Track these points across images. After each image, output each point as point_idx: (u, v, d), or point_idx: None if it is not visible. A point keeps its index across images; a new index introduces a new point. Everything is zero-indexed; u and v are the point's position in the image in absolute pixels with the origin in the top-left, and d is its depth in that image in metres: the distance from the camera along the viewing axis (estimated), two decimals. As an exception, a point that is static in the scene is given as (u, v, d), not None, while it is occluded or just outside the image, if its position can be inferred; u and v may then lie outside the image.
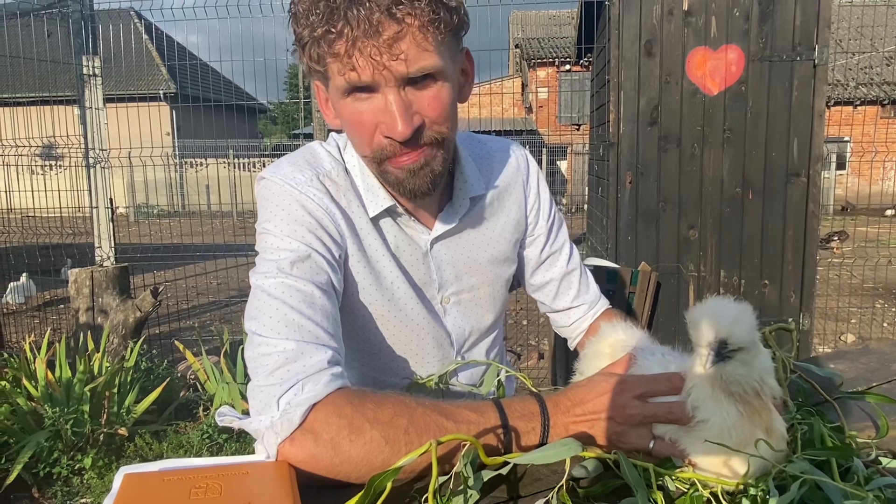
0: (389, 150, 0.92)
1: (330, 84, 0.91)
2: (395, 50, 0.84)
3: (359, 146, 0.96)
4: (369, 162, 0.97)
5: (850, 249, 8.86)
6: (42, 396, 3.05)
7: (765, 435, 0.73)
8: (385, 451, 0.77)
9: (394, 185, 0.96)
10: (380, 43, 0.83)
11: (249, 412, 0.83)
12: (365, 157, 0.97)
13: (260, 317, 0.86)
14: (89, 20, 4.23)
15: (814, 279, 3.36)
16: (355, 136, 0.95)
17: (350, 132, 0.96)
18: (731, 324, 0.71)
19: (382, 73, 0.85)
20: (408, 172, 0.93)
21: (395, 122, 0.87)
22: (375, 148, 0.92)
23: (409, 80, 0.87)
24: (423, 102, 0.90)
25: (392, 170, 0.94)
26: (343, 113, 0.93)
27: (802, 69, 3.19)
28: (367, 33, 0.83)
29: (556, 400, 0.84)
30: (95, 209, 4.18)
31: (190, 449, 3.03)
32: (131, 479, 0.72)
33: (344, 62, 0.85)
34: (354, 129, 0.93)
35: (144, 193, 13.01)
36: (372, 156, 0.94)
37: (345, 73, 0.86)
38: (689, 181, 3.31)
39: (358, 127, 0.92)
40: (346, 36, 0.83)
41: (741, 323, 0.72)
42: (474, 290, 1.15)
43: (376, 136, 0.91)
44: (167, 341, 4.44)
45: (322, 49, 0.86)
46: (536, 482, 0.81)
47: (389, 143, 0.91)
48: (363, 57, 0.84)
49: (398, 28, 0.84)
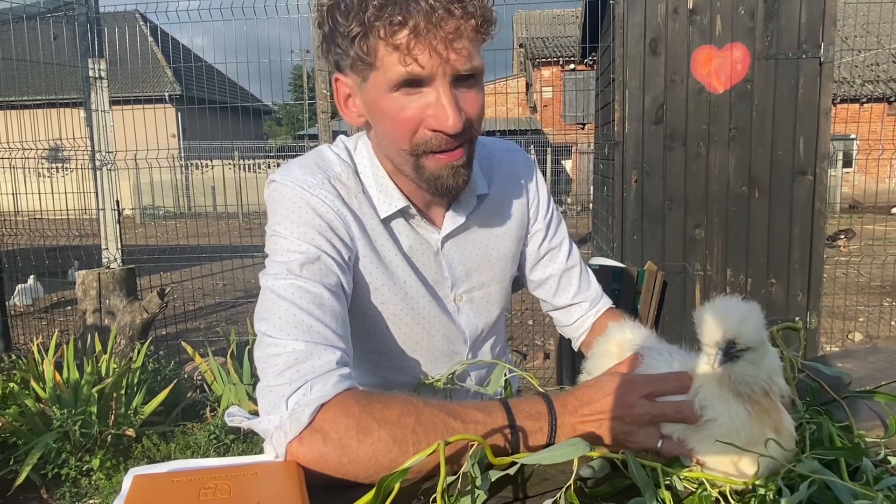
0: (434, 143, 0.92)
1: (375, 76, 0.90)
2: (455, 45, 0.86)
3: (397, 140, 0.95)
4: (406, 156, 0.95)
5: (858, 247, 8.81)
6: (50, 398, 3.07)
7: (774, 434, 0.72)
8: (393, 450, 0.77)
9: (429, 181, 0.96)
10: (443, 35, 0.85)
11: (258, 412, 0.84)
12: (402, 151, 0.95)
13: (269, 318, 0.86)
14: (95, 23, 4.25)
15: (821, 278, 3.34)
16: (396, 130, 0.93)
17: (389, 127, 0.94)
18: (740, 323, 0.71)
19: (441, 67, 0.87)
20: (449, 169, 0.95)
21: (448, 115, 0.89)
22: (417, 141, 0.93)
23: (457, 77, 0.90)
24: (467, 101, 0.92)
25: (430, 165, 0.95)
26: (385, 107, 0.92)
27: (808, 67, 3.17)
28: (431, 25, 0.84)
29: (564, 400, 0.84)
30: (102, 211, 4.20)
31: (197, 450, 3.04)
32: (141, 480, 0.73)
33: (404, 52, 0.86)
34: (397, 124, 0.92)
35: (150, 195, 13.07)
36: (411, 150, 0.94)
37: (407, 64, 0.86)
38: (694, 180, 3.30)
39: (402, 121, 0.92)
40: (411, 27, 0.84)
41: (750, 322, 0.72)
42: (485, 288, 1.16)
43: (420, 130, 0.92)
44: (174, 342, 4.45)
45: (378, 40, 0.86)
46: (544, 482, 0.81)
47: (434, 136, 0.92)
48: (426, 49, 0.85)
49: (458, 24, 0.86)
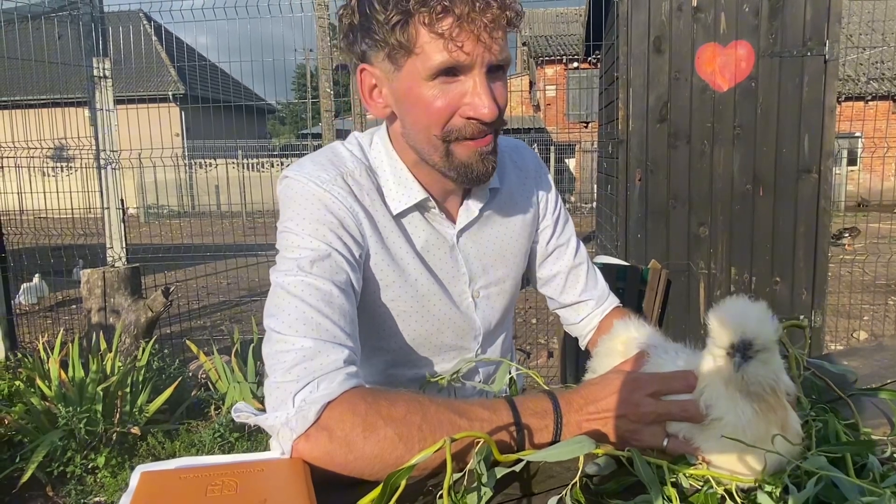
0: (467, 130, 0.93)
1: (409, 65, 0.90)
2: (495, 34, 0.88)
3: (429, 127, 0.94)
4: (436, 142, 0.95)
5: (862, 246, 8.79)
6: (55, 396, 3.08)
7: (780, 431, 0.72)
8: (398, 448, 0.77)
9: (459, 168, 0.96)
10: (485, 22, 0.86)
11: (264, 408, 0.84)
12: (434, 137, 0.95)
13: (279, 314, 0.87)
14: (99, 22, 4.26)
15: (825, 276, 3.34)
16: (430, 117, 0.93)
17: (422, 114, 0.94)
18: (758, 325, 0.71)
19: (482, 54, 0.88)
20: (478, 156, 0.95)
21: (485, 103, 0.90)
22: (449, 128, 0.93)
23: (490, 68, 0.91)
24: (498, 91, 0.93)
25: (461, 152, 0.95)
26: (421, 94, 0.92)
27: (813, 65, 3.16)
28: (476, 13, 0.86)
29: (569, 398, 0.84)
30: (106, 210, 4.21)
31: (202, 447, 3.05)
32: (148, 477, 0.73)
33: (448, 39, 0.86)
34: (432, 111, 0.92)
35: (155, 194, 13.10)
36: (443, 136, 0.94)
37: (451, 51, 0.87)
38: (698, 178, 3.30)
39: (438, 109, 0.92)
40: (456, 14, 0.85)
41: (766, 324, 0.72)
42: (500, 283, 1.17)
43: (455, 117, 0.93)
44: (178, 341, 4.47)
45: (421, 27, 0.87)
46: (550, 479, 0.81)
47: (468, 123, 0.92)
48: (471, 36, 0.87)
49: (497, 14, 0.87)
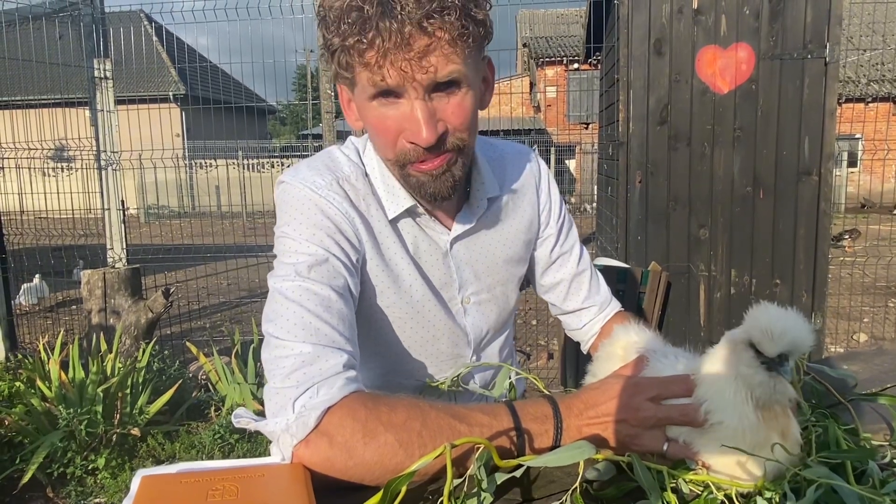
0: (413, 154, 0.93)
1: (356, 88, 0.94)
2: (424, 63, 0.86)
3: (382, 149, 0.98)
4: (392, 165, 0.99)
5: (863, 248, 8.78)
6: (56, 397, 3.08)
7: (780, 439, 0.73)
8: (399, 453, 0.77)
9: (415, 188, 0.98)
10: (410, 56, 0.85)
11: (263, 412, 0.84)
12: (388, 161, 0.99)
13: (277, 319, 0.87)
14: (100, 23, 4.26)
15: (825, 278, 3.34)
16: (379, 139, 0.96)
17: (374, 135, 0.98)
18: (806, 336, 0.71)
19: (411, 84, 0.87)
20: (429, 177, 0.95)
21: (420, 129, 0.89)
22: (399, 152, 0.94)
23: (434, 86, 0.89)
24: (448, 110, 0.91)
25: (414, 174, 0.96)
26: (368, 116, 0.94)
27: (813, 67, 3.16)
28: (399, 45, 0.84)
29: (569, 402, 0.85)
30: (107, 211, 4.21)
31: (202, 449, 3.05)
32: (149, 481, 0.73)
33: (374, 71, 0.87)
34: (379, 133, 0.95)
35: (155, 194, 13.10)
36: (395, 159, 0.96)
37: (374, 81, 0.88)
38: (699, 180, 3.29)
39: (382, 131, 0.94)
40: (378, 47, 0.84)
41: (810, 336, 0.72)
42: (492, 290, 1.16)
43: (400, 140, 0.93)
44: (179, 342, 4.47)
45: (352, 57, 0.87)
46: (550, 484, 0.81)
47: (413, 148, 0.92)
48: (393, 68, 0.86)
49: (429, 41, 0.85)
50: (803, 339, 0.71)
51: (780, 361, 0.71)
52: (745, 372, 0.73)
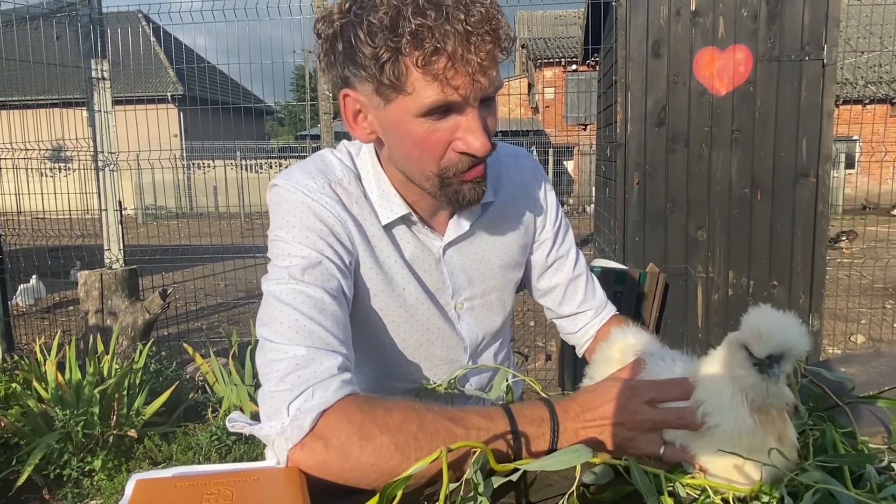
0: (461, 165, 0.92)
1: (404, 100, 0.87)
2: (490, 71, 0.86)
3: (423, 163, 0.93)
4: (432, 178, 0.94)
5: (860, 249, 8.80)
6: (52, 398, 3.07)
7: (776, 443, 0.72)
8: (395, 456, 0.77)
9: (452, 198, 0.96)
10: (478, 62, 0.85)
11: (259, 417, 0.84)
12: (427, 173, 0.94)
13: (271, 323, 0.86)
14: (98, 24, 4.26)
15: (823, 280, 3.34)
16: (424, 153, 0.92)
17: (414, 150, 0.92)
18: (800, 338, 0.71)
19: (475, 92, 0.87)
20: (470, 185, 0.95)
21: (479, 138, 0.89)
22: (445, 164, 0.92)
23: (483, 99, 0.90)
24: (489, 120, 0.92)
25: (457, 184, 0.94)
26: (412, 131, 0.90)
27: (811, 69, 3.17)
28: (467, 51, 0.83)
29: (566, 405, 0.84)
30: (104, 212, 4.21)
31: (199, 451, 3.04)
32: (143, 485, 0.73)
33: (443, 83, 0.84)
34: (426, 147, 0.91)
35: (153, 195, 13.08)
36: (439, 171, 0.93)
37: (445, 91, 0.85)
38: (697, 182, 3.30)
39: (430, 145, 0.91)
40: (448, 53, 0.83)
41: (805, 338, 0.72)
42: (486, 296, 1.15)
43: (448, 152, 0.92)
44: (176, 343, 4.46)
45: (413, 68, 0.84)
46: (547, 488, 0.81)
47: (461, 159, 0.92)
48: (464, 75, 0.85)
49: (490, 48, 0.85)
50: (795, 342, 0.71)
51: (770, 363, 0.71)
52: (739, 373, 0.73)
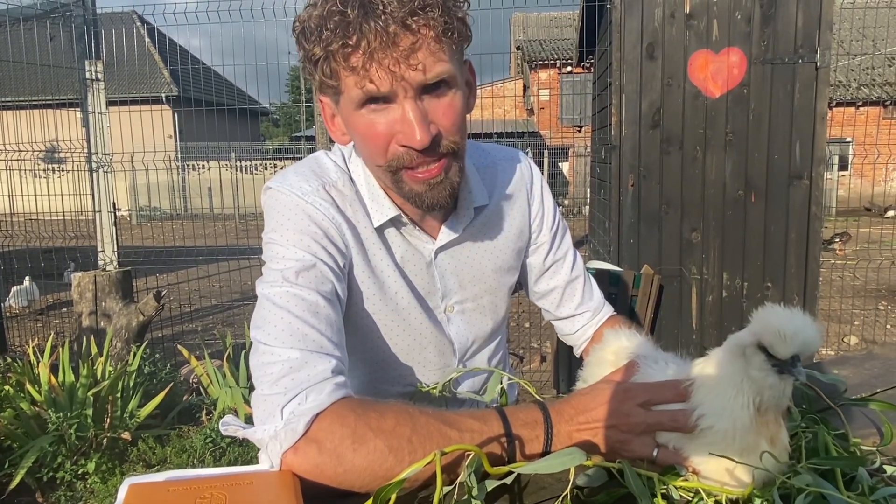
0: (406, 159, 0.91)
1: (343, 98, 0.91)
2: (412, 60, 0.85)
3: (373, 157, 0.95)
4: (383, 172, 0.95)
5: (853, 251, 8.84)
6: (45, 401, 3.05)
7: (768, 445, 0.72)
8: (389, 459, 0.77)
9: (410, 197, 0.96)
10: (397, 54, 0.84)
11: (253, 420, 0.84)
12: (378, 167, 0.95)
13: (265, 325, 0.86)
14: (92, 25, 4.25)
15: (816, 281, 3.35)
16: (370, 146, 0.93)
17: (363, 144, 0.95)
18: (817, 339, 0.71)
19: (400, 84, 0.86)
20: (427, 186, 0.93)
21: (414, 130, 0.88)
22: (391, 158, 0.92)
23: (424, 88, 0.88)
24: (439, 112, 0.90)
25: (409, 181, 0.94)
26: (357, 125, 0.92)
27: (804, 71, 3.18)
28: (384, 45, 0.83)
29: (560, 408, 0.84)
30: (98, 213, 4.19)
31: (193, 453, 3.03)
32: (136, 490, 0.72)
33: (361, 75, 0.85)
34: (369, 141, 0.92)
35: (147, 196, 13.04)
36: (387, 165, 0.93)
37: (362, 84, 0.86)
38: (691, 184, 3.31)
39: (373, 138, 0.91)
40: (363, 49, 0.83)
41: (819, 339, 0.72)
42: (477, 300, 1.15)
43: (392, 145, 0.91)
44: (170, 345, 4.44)
45: (337, 63, 0.86)
46: (541, 490, 0.81)
47: (406, 152, 0.91)
48: (381, 68, 0.84)
49: (414, 39, 0.84)
50: (813, 340, 0.70)
51: (793, 363, 0.71)
52: (756, 375, 0.72)
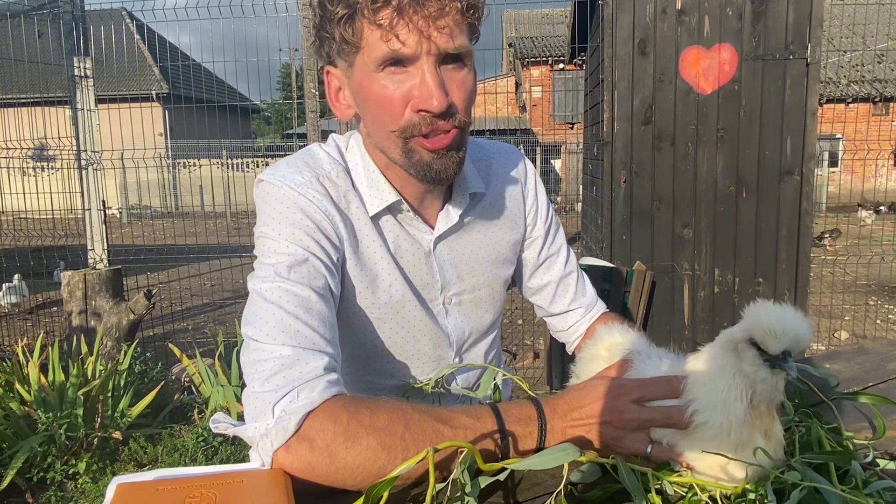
0: (421, 125, 0.91)
1: (360, 58, 0.90)
2: (439, 23, 0.86)
3: (385, 123, 0.93)
4: (394, 140, 0.94)
5: (843, 246, 8.90)
6: (35, 401, 3.03)
7: (763, 439, 0.72)
8: (381, 457, 0.76)
9: (418, 167, 0.95)
10: (427, 14, 0.85)
11: (244, 418, 0.83)
12: (391, 134, 0.94)
13: (256, 322, 0.85)
14: (80, 21, 4.21)
15: (807, 277, 3.37)
16: (384, 111, 0.92)
17: (377, 108, 0.93)
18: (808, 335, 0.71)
19: (425, 45, 0.86)
20: (436, 154, 0.93)
21: (432, 94, 0.88)
22: (405, 124, 0.91)
23: (444, 57, 0.89)
24: (454, 84, 0.91)
25: (419, 149, 0.93)
26: (371, 89, 0.91)
27: (795, 68, 3.19)
28: (415, 3, 0.84)
29: (553, 404, 0.84)
30: (88, 211, 4.16)
31: (185, 452, 3.01)
32: (124, 489, 0.71)
33: (387, 30, 0.85)
34: (384, 104, 0.91)
35: (137, 194, 12.97)
36: (400, 131, 0.92)
37: (387, 39, 0.86)
38: (683, 180, 3.31)
39: (388, 102, 0.91)
40: (393, 5, 0.84)
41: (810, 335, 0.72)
42: (475, 291, 1.14)
43: (407, 111, 0.91)
44: (161, 344, 4.42)
45: (363, 19, 0.86)
46: (534, 487, 0.81)
47: (421, 118, 0.90)
48: (410, 26, 0.85)
49: (441, 4, 0.86)
50: (804, 335, 0.71)
51: (784, 358, 0.71)
52: (748, 370, 0.73)
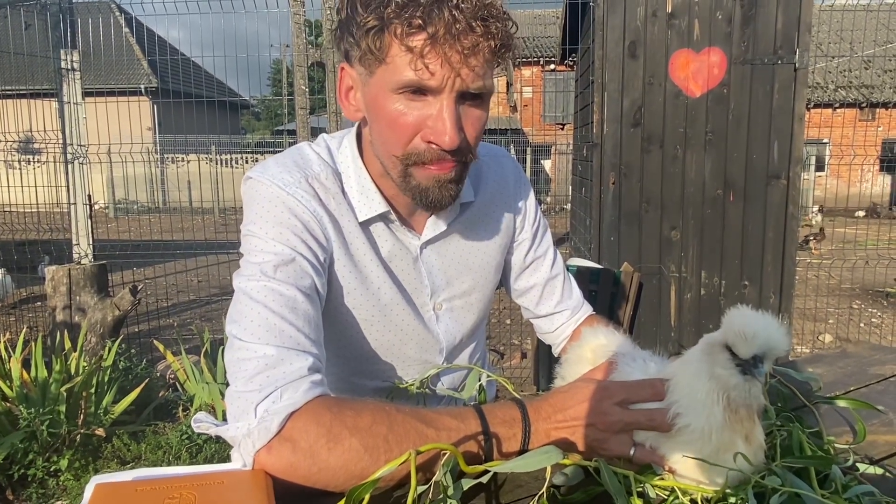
0: (426, 155, 0.90)
1: (381, 71, 0.88)
2: (471, 61, 0.84)
3: (391, 145, 0.92)
4: (395, 163, 0.93)
5: (828, 250, 8.99)
6: (17, 397, 2.99)
7: (744, 443, 0.73)
8: (364, 459, 0.76)
9: (415, 191, 0.94)
10: (460, 49, 0.83)
11: (227, 417, 0.82)
12: (393, 157, 0.93)
13: (241, 320, 0.84)
14: (68, 13, 4.16)
15: (793, 280, 3.40)
16: (393, 134, 0.91)
17: (387, 129, 0.91)
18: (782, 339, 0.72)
19: (451, 80, 0.85)
20: (435, 182, 0.92)
21: (446, 130, 0.87)
22: (410, 150, 0.91)
23: (464, 94, 0.88)
24: (468, 121, 0.90)
25: (419, 176, 0.92)
26: (385, 108, 0.89)
27: (783, 72, 3.22)
28: (451, 37, 0.82)
29: (538, 406, 0.84)
30: (73, 206, 4.12)
31: (169, 450, 2.99)
32: (102, 489, 0.70)
33: (417, 57, 0.83)
34: (395, 128, 0.90)
35: (124, 189, 12.86)
36: (403, 157, 0.91)
37: (418, 69, 0.84)
38: (671, 182, 3.33)
39: (400, 127, 0.89)
40: (430, 33, 0.82)
41: (786, 340, 0.72)
42: (465, 296, 1.14)
43: (416, 139, 0.90)
44: (146, 340, 4.38)
45: (395, 39, 0.84)
46: (517, 489, 0.81)
47: (428, 148, 0.90)
48: (442, 58, 0.83)
49: (475, 41, 0.84)
50: (777, 342, 0.71)
51: (755, 363, 0.72)
52: (720, 374, 0.73)
